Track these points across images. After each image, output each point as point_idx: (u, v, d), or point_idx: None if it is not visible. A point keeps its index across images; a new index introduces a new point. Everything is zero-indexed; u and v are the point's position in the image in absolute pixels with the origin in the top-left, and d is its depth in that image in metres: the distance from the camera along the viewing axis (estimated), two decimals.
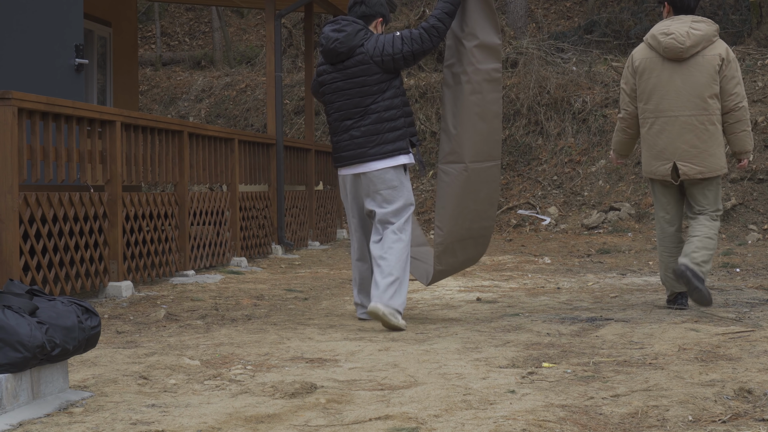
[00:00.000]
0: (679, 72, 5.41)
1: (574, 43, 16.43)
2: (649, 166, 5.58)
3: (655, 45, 5.46)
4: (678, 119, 5.41)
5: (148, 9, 20.82)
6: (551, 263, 8.89)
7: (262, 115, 16.17)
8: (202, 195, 8.05)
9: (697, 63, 5.39)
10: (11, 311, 3.20)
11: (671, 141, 5.44)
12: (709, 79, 5.38)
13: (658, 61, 5.46)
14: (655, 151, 5.52)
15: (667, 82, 5.43)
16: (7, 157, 5.27)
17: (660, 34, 5.44)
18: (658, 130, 5.47)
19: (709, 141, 5.40)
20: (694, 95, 5.39)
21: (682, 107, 5.40)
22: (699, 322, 5.05)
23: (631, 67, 5.61)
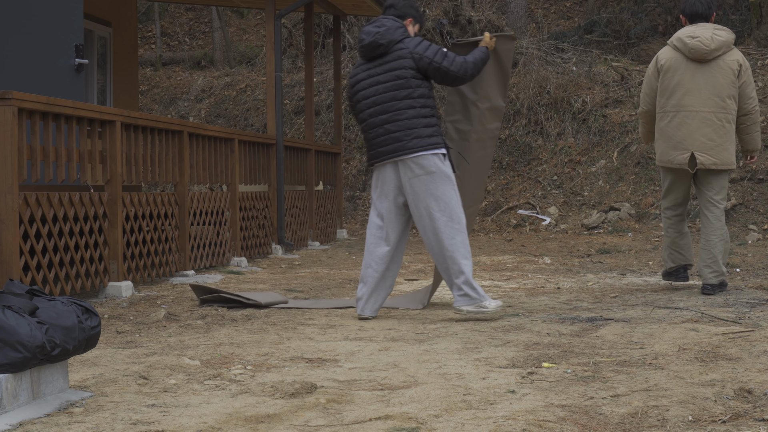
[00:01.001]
0: (701, 72, 5.94)
1: (574, 43, 16.43)
2: (666, 155, 6.05)
3: (681, 47, 5.98)
4: (699, 114, 5.92)
5: (148, 9, 20.83)
6: (551, 263, 8.89)
7: (262, 115, 16.17)
8: (202, 195, 8.05)
9: (718, 66, 5.95)
10: (11, 311, 3.20)
11: (690, 133, 5.94)
12: (729, 81, 5.94)
13: (682, 61, 5.98)
14: (674, 142, 6.00)
15: (690, 80, 5.95)
16: (7, 157, 5.27)
17: (686, 37, 5.97)
18: (679, 123, 5.98)
19: (724, 137, 5.94)
20: (714, 94, 5.92)
21: (702, 104, 5.92)
22: (699, 322, 5.05)
23: (656, 66, 6.11)
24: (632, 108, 13.78)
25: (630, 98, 13.99)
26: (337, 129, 12.72)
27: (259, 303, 5.87)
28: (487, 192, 13.70)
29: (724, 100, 5.93)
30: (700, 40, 5.94)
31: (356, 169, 14.79)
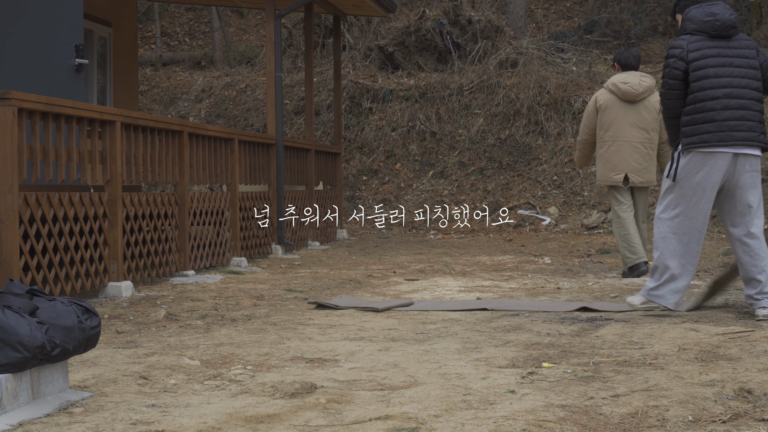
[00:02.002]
0: (631, 110, 7.50)
1: (574, 43, 16.43)
2: (605, 176, 7.62)
3: (616, 90, 7.51)
4: (630, 143, 7.50)
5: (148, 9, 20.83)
6: (551, 263, 8.89)
7: (262, 115, 16.17)
8: (202, 195, 8.05)
9: (644, 105, 7.51)
10: (11, 311, 3.20)
11: (624, 158, 7.50)
12: (652, 117, 7.51)
13: (616, 101, 7.52)
14: (611, 165, 7.56)
15: (623, 117, 7.50)
16: (7, 157, 5.27)
17: (620, 83, 7.51)
18: (615, 150, 7.53)
19: (649, 161, 7.57)
20: (641, 128, 7.50)
21: (632, 136, 7.50)
22: (699, 322, 5.05)
23: (595, 105, 7.62)
24: None
25: None
26: (337, 129, 12.73)
27: (377, 308, 5.81)
28: (486, 192, 13.70)
29: (649, 132, 7.51)
30: (630, 85, 7.46)
31: (356, 169, 14.79)
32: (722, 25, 5.31)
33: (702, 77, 5.25)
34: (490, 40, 15.89)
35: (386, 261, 9.21)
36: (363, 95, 15.59)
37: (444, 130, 14.69)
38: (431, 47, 16.13)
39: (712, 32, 5.30)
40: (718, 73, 5.25)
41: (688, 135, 5.26)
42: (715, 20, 5.30)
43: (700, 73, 5.25)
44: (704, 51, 5.28)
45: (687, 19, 5.39)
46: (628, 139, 7.47)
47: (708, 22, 5.30)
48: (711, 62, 5.26)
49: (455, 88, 15.01)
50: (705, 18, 5.31)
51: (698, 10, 5.38)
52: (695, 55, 5.27)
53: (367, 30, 17.55)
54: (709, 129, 5.20)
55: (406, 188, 14.25)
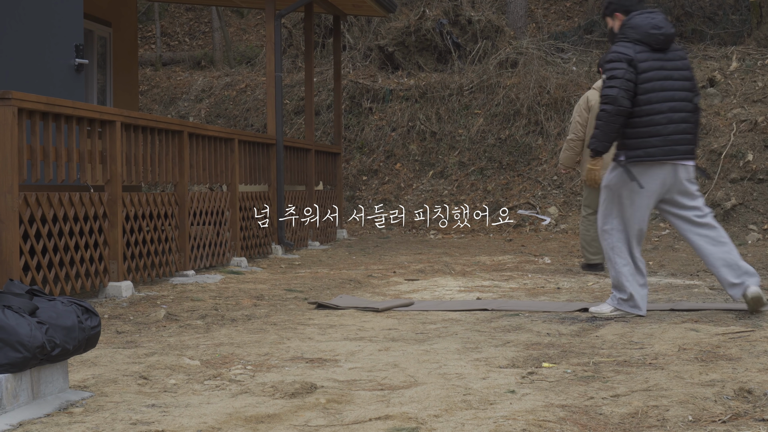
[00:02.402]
0: None
1: (574, 43, 16.43)
2: None
3: None
4: None
5: (148, 9, 20.82)
6: (551, 263, 8.89)
7: (262, 115, 16.17)
8: (202, 195, 8.05)
9: None
10: (11, 311, 3.20)
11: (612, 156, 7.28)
12: None
13: None
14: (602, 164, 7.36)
15: None
16: (7, 157, 5.27)
17: None
18: None
19: None
20: None
21: None
22: (699, 322, 5.05)
23: (586, 104, 7.73)
24: None
25: None
26: (337, 129, 12.72)
27: (377, 308, 5.82)
28: (486, 192, 13.71)
29: None
30: None
31: (356, 169, 14.79)
32: (665, 39, 5.33)
33: (649, 90, 5.26)
34: (490, 40, 15.89)
35: (386, 261, 9.21)
36: (363, 95, 15.59)
37: (444, 130, 14.69)
38: (431, 47, 16.13)
39: (655, 45, 5.30)
40: (663, 87, 5.28)
41: (632, 148, 5.27)
42: (660, 34, 5.31)
43: (647, 86, 5.25)
44: (650, 63, 5.28)
45: (630, 27, 5.34)
46: None
47: (653, 35, 5.29)
48: (656, 75, 5.28)
49: (455, 88, 15.01)
50: (651, 30, 5.29)
51: (642, 19, 5.34)
52: (644, 66, 5.27)
53: (367, 30, 17.55)
54: (655, 143, 5.25)
55: (406, 188, 14.25)
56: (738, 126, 12.64)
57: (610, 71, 5.26)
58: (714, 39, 16.00)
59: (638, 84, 5.23)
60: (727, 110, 13.04)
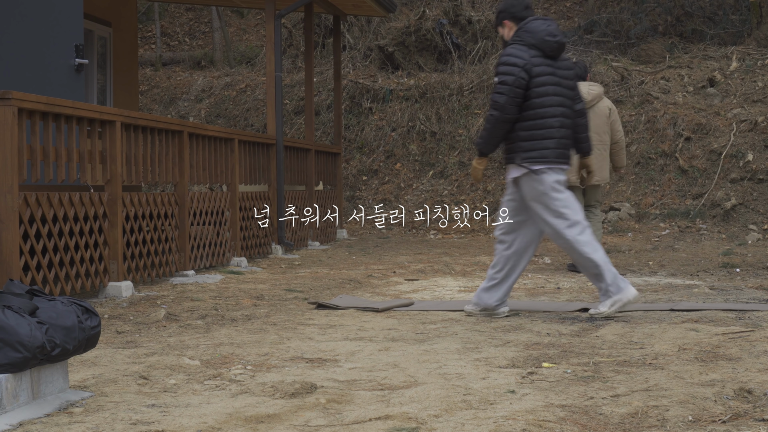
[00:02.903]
0: None
1: (574, 43, 16.43)
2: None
3: None
4: None
5: (148, 9, 20.83)
6: (551, 263, 8.89)
7: (262, 115, 16.17)
8: (202, 195, 8.05)
9: (594, 112, 8.13)
10: (11, 311, 3.20)
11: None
12: (603, 121, 8.21)
13: None
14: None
15: None
16: (7, 157, 5.27)
17: None
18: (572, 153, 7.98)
19: (603, 162, 8.20)
20: (594, 132, 7.99)
21: None
22: (699, 322, 5.05)
23: None
24: (632, 108, 13.77)
25: (630, 98, 13.98)
26: (337, 129, 12.72)
27: (377, 308, 5.82)
28: (486, 192, 13.71)
29: (601, 135, 8.17)
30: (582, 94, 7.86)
31: (356, 169, 14.79)
32: (558, 47, 5.46)
33: (543, 94, 5.36)
34: (490, 40, 15.89)
35: (386, 261, 9.21)
36: (363, 95, 15.59)
37: (444, 130, 14.69)
38: (431, 47, 16.13)
39: (548, 52, 5.42)
40: (556, 92, 5.41)
41: (527, 150, 5.35)
42: (554, 41, 5.43)
43: (541, 90, 5.36)
44: (543, 68, 5.39)
45: (526, 31, 5.44)
46: None
47: (548, 42, 5.41)
48: (549, 80, 5.40)
49: (455, 88, 15.01)
50: (546, 37, 5.41)
51: (539, 24, 5.45)
52: (538, 71, 5.37)
53: (367, 30, 17.54)
54: (549, 145, 5.36)
55: (406, 188, 14.25)
56: (738, 126, 12.65)
57: (502, 75, 5.35)
58: (714, 39, 16.00)
59: (532, 88, 5.36)
60: (727, 110, 13.05)
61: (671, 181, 12.66)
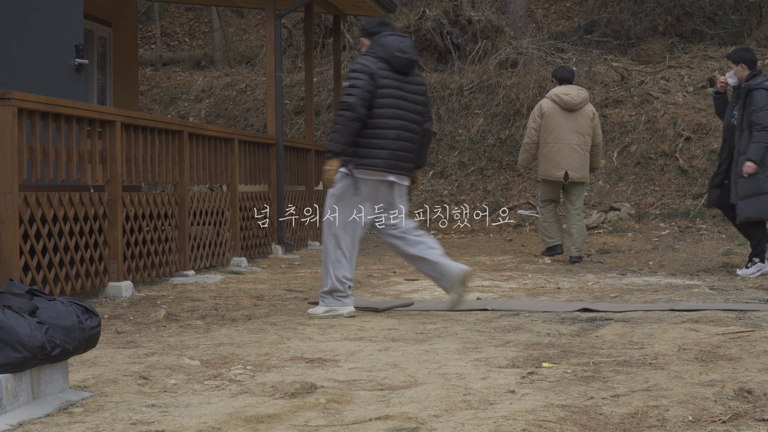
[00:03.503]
0: (570, 117, 8.83)
1: (574, 43, 16.43)
2: (547, 172, 8.87)
3: (558, 100, 8.82)
4: (569, 145, 8.79)
5: (148, 9, 20.83)
6: (551, 263, 8.89)
7: (262, 115, 16.17)
8: (202, 195, 8.05)
9: (580, 114, 8.83)
10: (11, 311, 3.20)
11: (564, 158, 8.78)
12: (587, 124, 8.86)
13: (558, 110, 8.83)
14: (554, 163, 8.81)
15: (563, 123, 8.81)
16: (7, 157, 5.27)
17: (562, 94, 8.84)
18: (557, 151, 8.79)
19: (585, 161, 8.85)
20: (578, 133, 8.80)
21: (571, 138, 8.80)
22: (699, 322, 5.05)
23: (540, 111, 8.89)
24: (632, 108, 13.78)
25: (630, 98, 13.99)
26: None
27: (377, 308, 5.82)
28: (486, 192, 13.71)
29: (584, 136, 8.82)
30: (570, 96, 8.80)
31: None
32: (407, 63, 5.62)
33: (384, 105, 5.53)
34: (490, 40, 15.89)
35: (386, 261, 9.21)
36: None
37: (444, 130, 14.69)
38: (431, 47, 16.13)
39: (396, 66, 5.57)
40: (397, 105, 5.57)
41: (361, 156, 5.53)
42: (403, 57, 5.59)
43: (383, 101, 5.53)
44: (389, 81, 5.55)
45: (379, 44, 5.61)
46: (568, 141, 8.78)
47: (397, 58, 5.57)
48: (392, 93, 5.56)
49: (455, 88, 15.01)
50: (395, 52, 5.57)
51: (392, 40, 5.62)
52: (382, 82, 5.53)
53: None
54: (382, 155, 5.54)
55: None
56: None
57: (351, 80, 5.51)
58: (714, 39, 16.00)
59: (375, 98, 5.52)
60: None
61: (671, 181, 12.66)
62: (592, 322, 5.21)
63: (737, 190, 7.52)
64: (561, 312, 5.63)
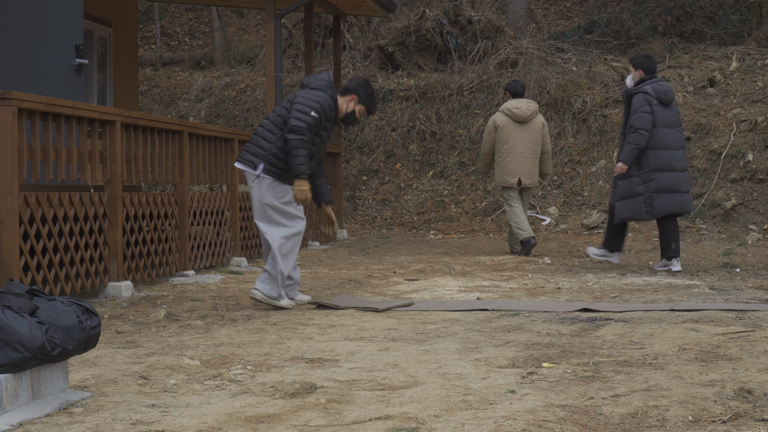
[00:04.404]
0: (522, 129, 9.68)
1: (574, 43, 16.43)
2: (502, 179, 9.73)
3: (510, 114, 9.68)
4: (521, 154, 9.66)
5: (148, 9, 20.83)
6: (551, 263, 8.89)
7: (262, 115, 16.17)
8: (202, 195, 8.05)
9: (531, 125, 9.69)
10: (11, 311, 3.20)
11: (517, 165, 9.66)
12: (537, 134, 9.72)
13: (510, 122, 9.69)
14: (508, 171, 9.67)
15: (516, 134, 9.67)
16: (7, 157, 5.27)
17: (513, 108, 9.68)
18: (510, 159, 9.66)
19: (535, 168, 9.74)
20: (529, 142, 9.67)
21: (523, 148, 9.67)
22: (699, 322, 5.05)
23: (494, 125, 9.75)
24: None
25: None
26: (337, 129, 12.72)
27: (377, 308, 5.83)
28: (486, 192, 13.71)
29: (535, 145, 9.70)
30: (521, 110, 9.66)
31: (356, 169, 14.79)
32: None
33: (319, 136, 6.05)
34: (490, 40, 15.89)
35: (386, 261, 9.21)
36: None
37: (444, 130, 14.69)
38: (431, 47, 16.13)
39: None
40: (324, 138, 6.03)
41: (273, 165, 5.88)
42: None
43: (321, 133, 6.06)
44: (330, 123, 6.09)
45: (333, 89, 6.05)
46: (521, 150, 9.65)
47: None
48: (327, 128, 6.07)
49: (455, 88, 15.01)
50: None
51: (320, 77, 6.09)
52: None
53: (367, 30, 17.54)
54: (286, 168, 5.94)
55: (406, 188, 14.25)
56: (738, 126, 12.65)
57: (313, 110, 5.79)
58: (714, 39, 16.00)
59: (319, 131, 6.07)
60: (727, 110, 13.05)
61: None
62: (592, 322, 5.21)
63: (614, 192, 8.09)
64: (561, 312, 5.63)
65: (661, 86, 8.01)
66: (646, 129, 7.82)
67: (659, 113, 7.89)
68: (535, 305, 5.91)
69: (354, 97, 6.02)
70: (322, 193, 6.19)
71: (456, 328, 5.06)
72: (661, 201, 7.87)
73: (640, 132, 7.83)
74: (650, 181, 7.86)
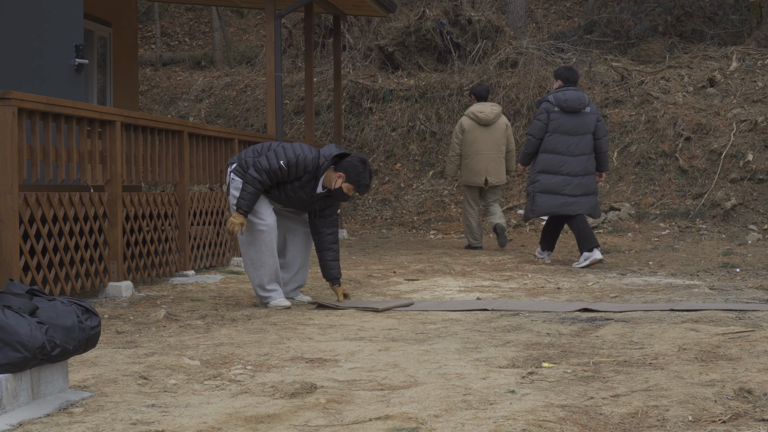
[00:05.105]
0: (487, 131, 10.33)
1: (574, 43, 16.43)
2: (470, 180, 10.36)
3: (474, 117, 10.33)
4: (487, 155, 10.28)
5: (148, 9, 20.83)
6: (551, 263, 8.89)
7: (262, 115, 16.18)
8: (202, 195, 8.05)
9: (495, 127, 10.35)
10: (11, 311, 3.20)
11: (484, 166, 10.28)
12: (502, 135, 10.37)
13: (476, 125, 10.33)
14: (474, 171, 10.30)
15: (481, 136, 10.31)
16: (7, 157, 5.27)
17: (478, 111, 10.34)
18: (477, 160, 10.28)
19: (500, 167, 10.38)
20: (494, 143, 10.32)
21: (489, 149, 10.29)
22: (699, 322, 5.05)
23: (461, 128, 10.38)
24: (632, 108, 13.78)
25: (630, 98, 13.99)
26: (337, 129, 12.72)
27: (377, 308, 5.82)
28: None
29: (500, 146, 10.33)
30: (485, 113, 10.31)
31: None
32: None
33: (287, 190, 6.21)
34: (490, 40, 15.89)
35: (386, 261, 9.21)
36: (363, 95, 15.59)
37: (444, 130, 14.69)
38: (431, 47, 16.13)
39: None
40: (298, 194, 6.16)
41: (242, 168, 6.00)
42: None
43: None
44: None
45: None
46: (486, 152, 10.27)
47: None
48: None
49: (455, 88, 15.01)
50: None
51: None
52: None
53: (367, 30, 17.54)
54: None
55: (406, 188, 14.26)
56: (738, 126, 12.65)
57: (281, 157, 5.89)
58: (714, 39, 16.00)
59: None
60: (727, 110, 13.05)
61: (671, 181, 12.66)
62: (592, 322, 5.21)
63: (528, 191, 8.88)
64: (561, 312, 5.63)
65: (565, 95, 8.53)
66: (533, 135, 8.63)
67: (559, 120, 8.52)
68: (535, 305, 5.91)
69: (342, 175, 5.95)
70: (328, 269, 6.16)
71: (456, 328, 5.06)
72: (542, 200, 8.53)
73: (530, 138, 8.69)
74: (535, 182, 8.60)
